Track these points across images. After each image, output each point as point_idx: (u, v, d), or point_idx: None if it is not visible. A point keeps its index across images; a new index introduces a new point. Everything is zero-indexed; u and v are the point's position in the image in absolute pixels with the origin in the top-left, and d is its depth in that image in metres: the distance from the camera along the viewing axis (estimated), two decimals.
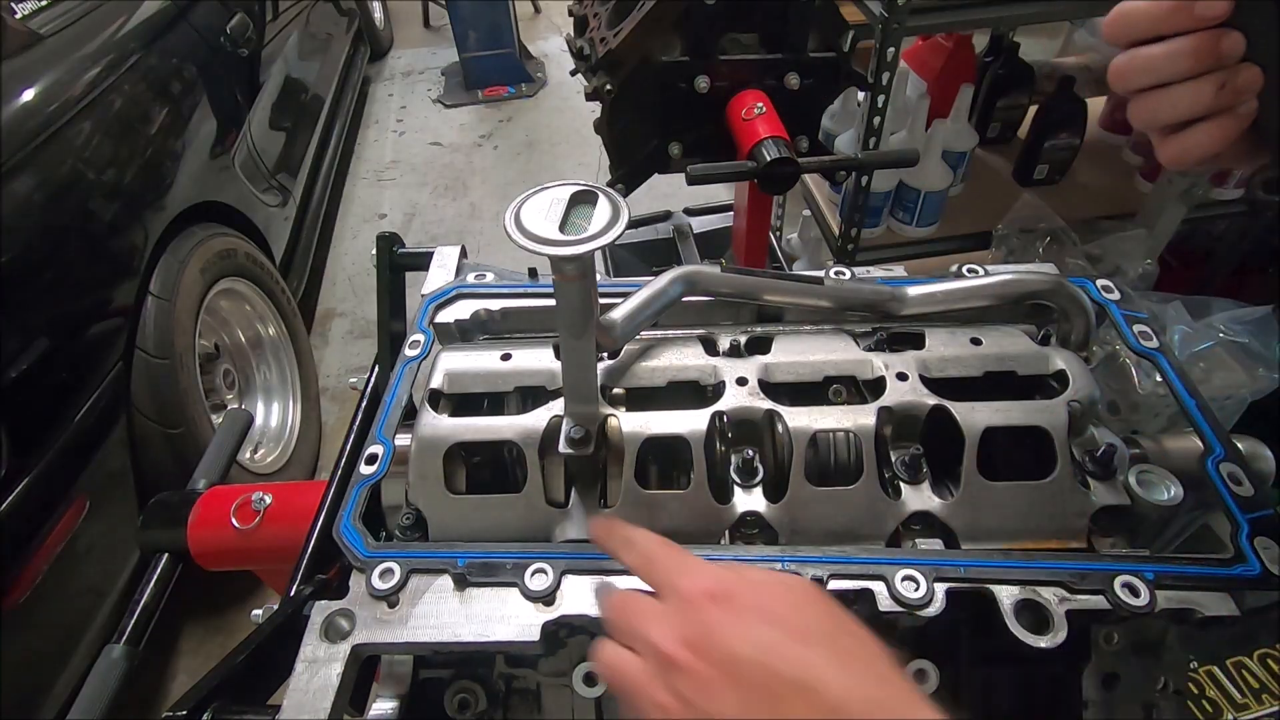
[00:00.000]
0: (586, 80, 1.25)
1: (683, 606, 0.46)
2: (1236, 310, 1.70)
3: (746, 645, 0.42)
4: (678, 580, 0.48)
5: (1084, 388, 0.67)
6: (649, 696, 0.44)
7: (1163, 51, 0.47)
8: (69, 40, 1.84)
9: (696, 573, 0.48)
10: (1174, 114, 0.49)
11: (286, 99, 2.88)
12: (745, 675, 0.41)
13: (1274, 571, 0.59)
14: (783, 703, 0.40)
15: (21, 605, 1.40)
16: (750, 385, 0.69)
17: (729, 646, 0.42)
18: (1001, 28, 2.11)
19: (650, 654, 0.45)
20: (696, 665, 0.42)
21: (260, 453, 2.20)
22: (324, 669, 0.57)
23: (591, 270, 0.56)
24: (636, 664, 0.46)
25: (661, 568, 0.50)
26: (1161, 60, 0.47)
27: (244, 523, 0.88)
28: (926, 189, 1.92)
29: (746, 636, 0.42)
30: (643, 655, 0.46)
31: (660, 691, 0.43)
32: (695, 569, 0.48)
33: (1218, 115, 0.48)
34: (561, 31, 4.83)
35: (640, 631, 0.47)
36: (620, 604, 0.50)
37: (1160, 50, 0.47)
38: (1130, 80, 0.50)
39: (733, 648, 0.42)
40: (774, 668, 0.41)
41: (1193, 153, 0.50)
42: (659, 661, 0.44)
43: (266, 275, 2.31)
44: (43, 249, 1.55)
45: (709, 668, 0.42)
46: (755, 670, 0.41)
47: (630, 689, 0.46)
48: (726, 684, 0.41)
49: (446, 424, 0.67)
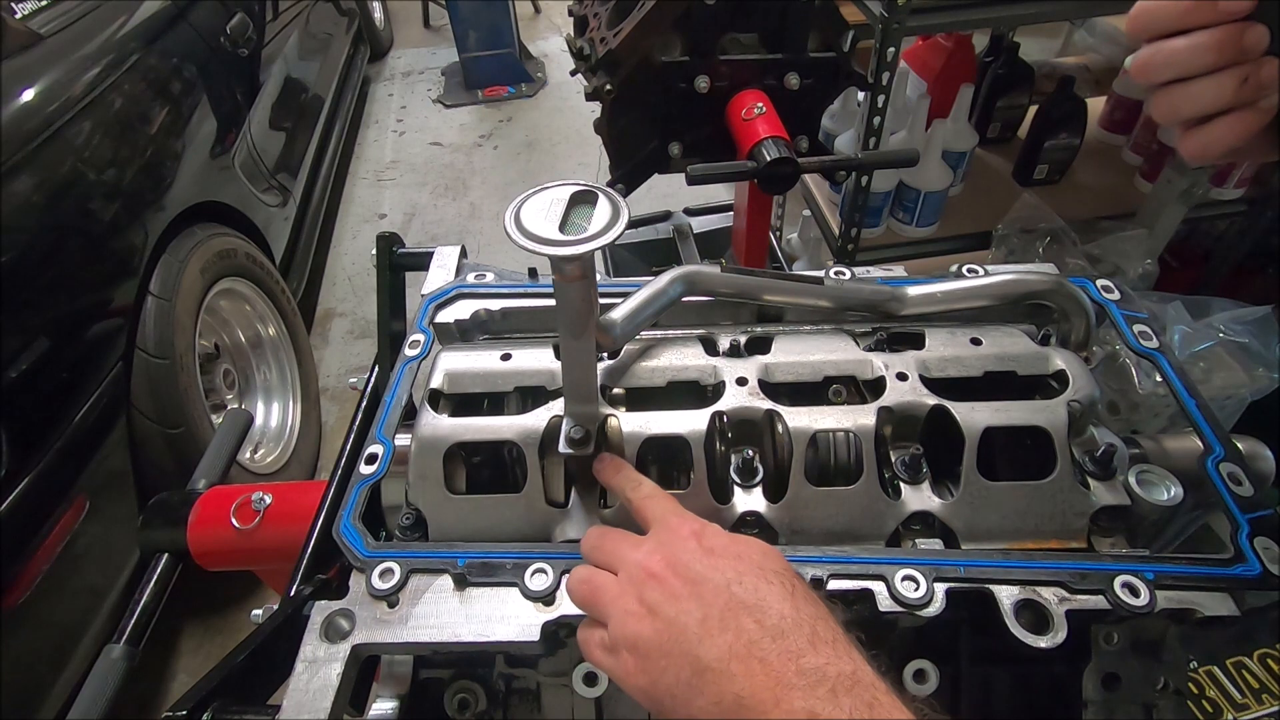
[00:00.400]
0: (586, 80, 1.25)
1: (668, 538, 0.53)
2: (1236, 310, 1.70)
3: (714, 572, 0.49)
4: (671, 519, 0.55)
5: (1084, 388, 0.67)
6: (620, 605, 0.51)
7: (1187, 45, 0.47)
8: (69, 40, 1.84)
9: (688, 516, 0.56)
10: (1197, 108, 0.49)
11: (286, 99, 2.88)
12: (708, 593, 0.48)
13: (1274, 571, 0.59)
14: (736, 618, 0.46)
15: (21, 605, 1.40)
16: (750, 385, 0.69)
17: (699, 570, 0.50)
18: (1001, 28, 2.11)
19: (629, 569, 0.52)
20: (669, 579, 0.50)
21: (260, 453, 2.20)
22: (324, 669, 0.57)
23: (591, 270, 0.56)
24: (610, 578, 0.53)
25: (659, 506, 0.57)
26: (1186, 54, 0.48)
27: (244, 523, 0.88)
28: (926, 189, 1.92)
29: (716, 565, 0.50)
30: (620, 571, 0.53)
31: (631, 600, 0.50)
32: (689, 514, 0.56)
33: (1240, 109, 0.49)
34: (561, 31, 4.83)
35: (622, 552, 0.54)
36: (602, 534, 0.58)
37: (1184, 44, 0.47)
38: (1154, 74, 0.50)
39: (702, 571, 0.49)
40: (734, 591, 0.48)
41: (1215, 146, 0.50)
42: (636, 576, 0.51)
43: (266, 275, 2.31)
44: (43, 249, 1.55)
45: (680, 583, 0.49)
46: (718, 591, 0.48)
47: (600, 599, 0.52)
48: (691, 597, 0.48)
49: (446, 424, 0.67)
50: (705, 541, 0.52)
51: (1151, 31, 0.49)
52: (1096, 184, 2.13)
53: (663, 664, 0.47)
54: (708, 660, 0.45)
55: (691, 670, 0.45)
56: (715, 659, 0.45)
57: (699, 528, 0.54)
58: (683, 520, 0.55)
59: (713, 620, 0.46)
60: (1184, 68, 0.48)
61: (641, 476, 0.62)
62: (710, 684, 0.44)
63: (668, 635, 0.47)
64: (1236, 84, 0.47)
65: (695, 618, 0.47)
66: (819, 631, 0.45)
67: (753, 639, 0.45)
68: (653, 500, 0.59)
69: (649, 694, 0.47)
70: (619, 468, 0.63)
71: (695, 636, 0.46)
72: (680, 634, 0.47)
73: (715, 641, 0.45)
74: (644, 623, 0.48)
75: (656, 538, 0.54)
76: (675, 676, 0.46)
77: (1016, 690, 0.66)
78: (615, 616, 0.50)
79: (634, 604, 0.50)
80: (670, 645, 0.47)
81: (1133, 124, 2.15)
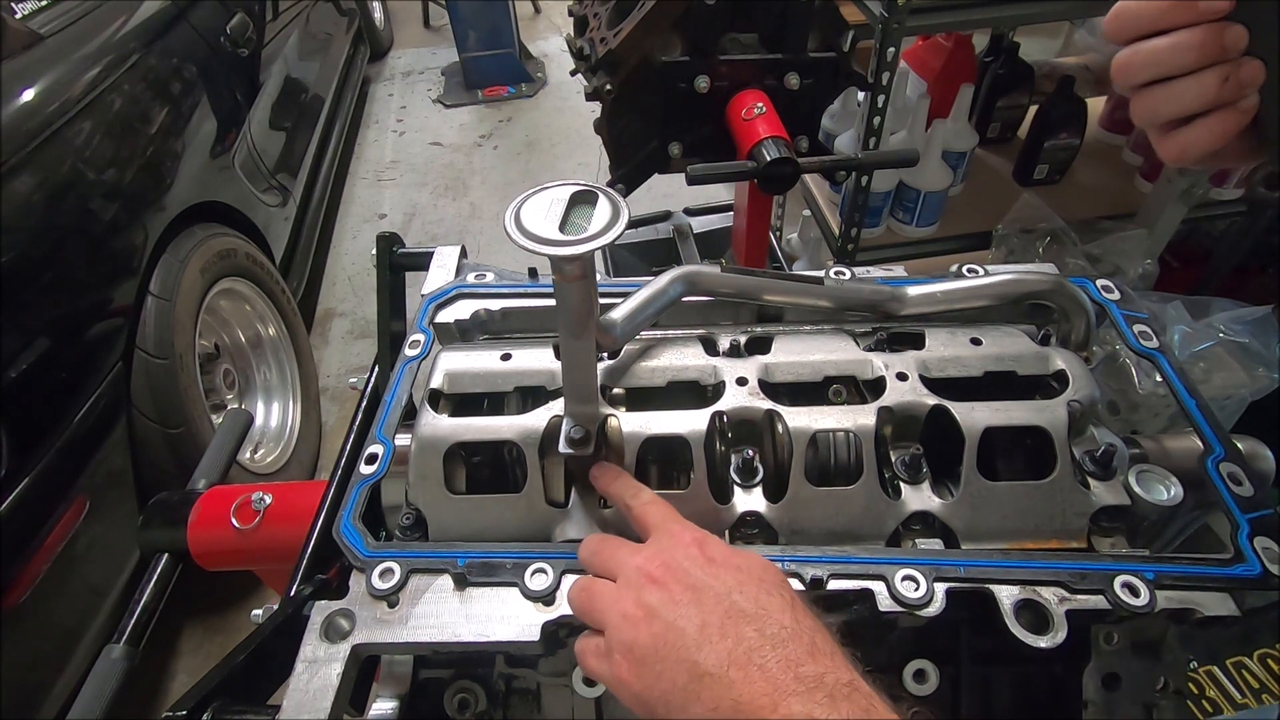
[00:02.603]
0: (586, 80, 1.25)
1: (669, 544, 0.53)
2: (1236, 310, 1.70)
3: (715, 580, 0.49)
4: (672, 525, 0.55)
5: (1084, 388, 0.67)
6: (618, 609, 0.50)
7: (1167, 44, 0.47)
8: (69, 40, 1.84)
9: (689, 526, 0.56)
10: (1178, 108, 0.49)
11: (286, 99, 2.88)
12: (709, 600, 0.48)
13: (1274, 571, 0.59)
14: (736, 626, 0.46)
15: (21, 605, 1.40)
16: (750, 385, 0.69)
17: (700, 577, 0.49)
18: (1001, 28, 2.11)
19: (628, 574, 0.52)
20: (670, 584, 0.49)
21: (260, 453, 2.20)
22: (324, 669, 0.57)
23: (591, 270, 0.56)
24: (607, 585, 0.53)
25: (660, 513, 0.57)
26: (1166, 53, 0.48)
27: (244, 523, 0.88)
28: (926, 189, 1.92)
29: (717, 574, 0.50)
30: (619, 577, 0.52)
31: (629, 604, 0.50)
32: (689, 524, 0.56)
33: (1219, 110, 0.49)
34: (561, 31, 4.83)
35: (621, 558, 0.54)
36: (601, 541, 0.58)
37: (1165, 43, 0.47)
38: (1133, 74, 0.50)
39: (703, 578, 0.49)
40: (734, 600, 0.48)
41: (1194, 148, 0.50)
42: (635, 580, 0.51)
43: (266, 275, 2.31)
44: (43, 249, 1.55)
45: (681, 589, 0.49)
46: (719, 599, 0.48)
47: (599, 605, 0.52)
48: (691, 603, 0.48)
49: (446, 424, 0.67)
50: (707, 550, 0.52)
51: (1130, 33, 0.49)
52: (1096, 184, 2.13)
53: (659, 669, 0.46)
54: (706, 666, 0.44)
55: (689, 676, 0.45)
56: (714, 665, 0.44)
57: (700, 536, 0.54)
58: (684, 528, 0.55)
59: (712, 627, 0.46)
60: (1165, 67, 0.48)
61: (640, 484, 0.62)
62: (708, 689, 0.44)
63: (665, 640, 0.47)
64: (1218, 83, 0.47)
65: (695, 623, 0.46)
66: (818, 643, 0.45)
67: (752, 646, 0.45)
68: (653, 507, 0.58)
69: (643, 699, 0.47)
70: (616, 475, 0.63)
71: (694, 642, 0.46)
72: (679, 639, 0.46)
73: (715, 648, 0.45)
74: (641, 627, 0.48)
75: (657, 544, 0.54)
76: (672, 682, 0.45)
77: (1016, 690, 0.66)
78: (612, 622, 0.50)
79: (632, 608, 0.49)
80: (668, 650, 0.46)
81: (1133, 124, 2.14)
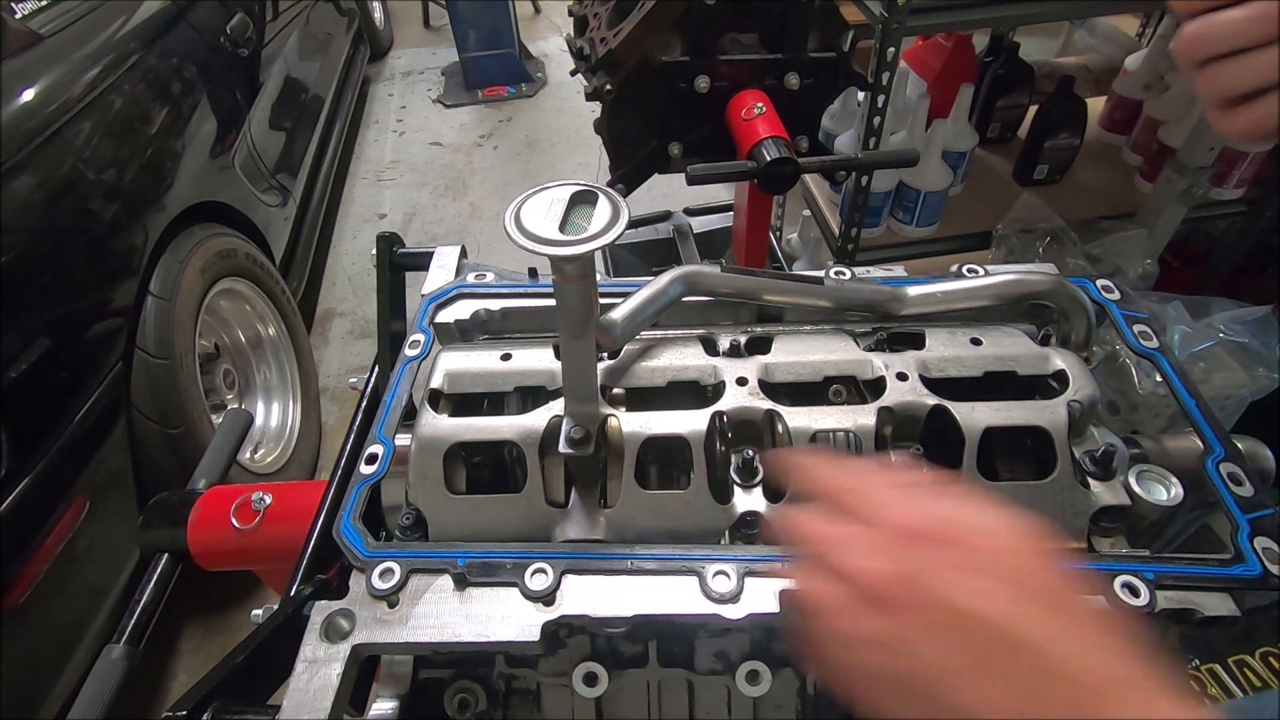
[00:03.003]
0: (586, 80, 1.25)
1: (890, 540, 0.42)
2: (1236, 310, 1.70)
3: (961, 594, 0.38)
4: (884, 512, 0.44)
5: (1084, 388, 0.67)
6: (846, 629, 0.41)
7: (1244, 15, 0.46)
8: (69, 40, 1.84)
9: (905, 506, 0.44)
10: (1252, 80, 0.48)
11: (286, 99, 2.88)
12: (952, 624, 0.38)
13: (1274, 572, 0.59)
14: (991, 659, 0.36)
15: (21, 605, 1.40)
16: (750, 385, 0.69)
17: (940, 592, 0.39)
18: (1001, 28, 2.11)
19: (851, 584, 0.41)
20: (902, 606, 0.39)
21: (260, 453, 2.20)
22: (324, 669, 0.57)
23: (591, 270, 0.56)
24: (835, 592, 0.42)
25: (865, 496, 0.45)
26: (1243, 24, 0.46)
27: (244, 523, 0.87)
28: (926, 189, 1.92)
29: (960, 584, 0.38)
30: (842, 583, 0.42)
31: (860, 625, 0.40)
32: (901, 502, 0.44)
33: None
34: (561, 31, 4.83)
35: (841, 559, 0.43)
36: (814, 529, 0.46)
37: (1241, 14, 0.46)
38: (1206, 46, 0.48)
39: (944, 594, 0.38)
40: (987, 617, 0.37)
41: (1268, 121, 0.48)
42: (860, 594, 0.41)
43: (266, 275, 2.30)
44: (43, 249, 1.55)
45: (914, 612, 0.39)
46: (965, 620, 0.37)
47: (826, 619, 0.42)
48: (929, 632, 0.38)
49: (446, 424, 0.67)
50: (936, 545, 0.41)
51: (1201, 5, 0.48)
52: (1096, 184, 2.13)
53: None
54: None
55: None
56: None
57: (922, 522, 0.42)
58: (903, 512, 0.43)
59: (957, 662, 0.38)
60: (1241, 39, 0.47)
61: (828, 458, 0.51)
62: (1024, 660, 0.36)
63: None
64: None
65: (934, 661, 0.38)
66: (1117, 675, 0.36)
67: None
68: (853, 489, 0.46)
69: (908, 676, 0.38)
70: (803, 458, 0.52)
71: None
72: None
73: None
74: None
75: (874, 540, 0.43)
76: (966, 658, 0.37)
77: None
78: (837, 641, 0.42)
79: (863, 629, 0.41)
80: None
81: (1133, 124, 2.15)
